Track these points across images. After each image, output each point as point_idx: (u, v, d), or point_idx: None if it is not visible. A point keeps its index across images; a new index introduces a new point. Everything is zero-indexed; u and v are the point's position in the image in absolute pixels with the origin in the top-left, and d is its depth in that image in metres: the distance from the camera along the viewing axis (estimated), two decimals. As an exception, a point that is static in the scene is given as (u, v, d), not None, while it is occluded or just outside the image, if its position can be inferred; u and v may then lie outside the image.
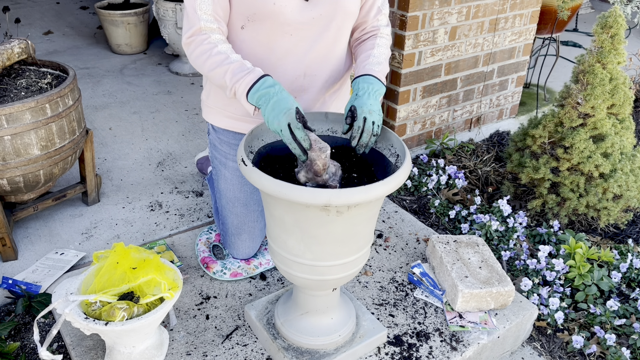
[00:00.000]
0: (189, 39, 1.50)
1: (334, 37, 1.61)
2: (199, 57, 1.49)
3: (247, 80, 1.41)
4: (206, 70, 1.48)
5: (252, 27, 1.54)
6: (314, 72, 1.65)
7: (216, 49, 1.47)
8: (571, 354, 1.84)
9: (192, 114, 3.31)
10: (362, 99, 1.46)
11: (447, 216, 2.47)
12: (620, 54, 2.21)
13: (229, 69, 1.43)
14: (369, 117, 1.43)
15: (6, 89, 2.04)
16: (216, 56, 1.46)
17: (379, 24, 1.69)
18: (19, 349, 1.72)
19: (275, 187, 1.22)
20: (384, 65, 1.60)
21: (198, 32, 1.49)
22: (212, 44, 1.47)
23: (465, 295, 1.76)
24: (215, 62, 1.46)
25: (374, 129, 1.43)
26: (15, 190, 2.05)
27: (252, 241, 1.95)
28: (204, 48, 1.48)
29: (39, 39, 4.55)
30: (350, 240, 1.37)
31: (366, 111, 1.44)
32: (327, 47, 1.62)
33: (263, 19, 1.51)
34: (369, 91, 1.48)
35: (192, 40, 1.50)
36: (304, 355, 1.56)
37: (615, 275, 2.06)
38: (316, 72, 1.65)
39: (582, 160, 2.24)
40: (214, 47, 1.47)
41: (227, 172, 1.86)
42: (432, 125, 3.01)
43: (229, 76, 1.43)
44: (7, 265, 2.04)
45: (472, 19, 2.79)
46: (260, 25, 1.53)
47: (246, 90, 1.41)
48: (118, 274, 1.50)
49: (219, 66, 1.45)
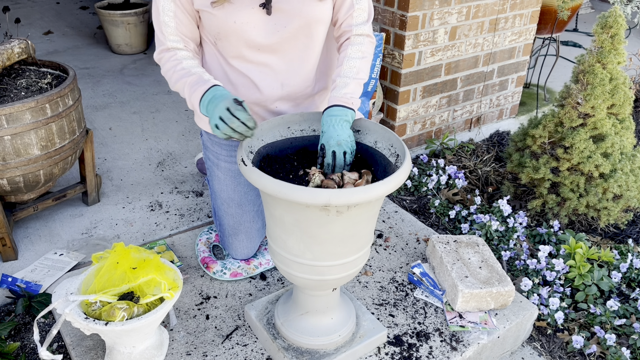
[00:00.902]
0: (158, 55, 1.57)
1: (304, 46, 1.59)
2: (166, 73, 1.56)
3: (200, 91, 1.45)
4: (172, 85, 1.55)
5: (222, 44, 1.57)
6: (291, 82, 1.64)
7: (180, 65, 1.53)
8: (571, 354, 1.84)
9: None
10: (327, 133, 1.46)
11: (447, 216, 2.47)
12: (620, 54, 2.21)
13: (187, 82, 1.49)
14: (339, 150, 1.44)
15: (6, 89, 2.04)
16: (180, 71, 1.52)
17: (353, 22, 1.59)
18: (19, 349, 1.72)
19: (275, 187, 1.22)
20: (352, 84, 1.54)
21: (166, 50, 1.55)
22: (177, 60, 1.54)
23: (465, 295, 1.76)
24: (178, 76, 1.52)
25: (346, 159, 1.45)
26: (15, 190, 2.05)
27: (250, 241, 1.94)
28: (170, 65, 1.54)
29: (39, 39, 4.55)
30: (350, 240, 1.37)
31: (333, 144, 1.44)
32: (300, 57, 1.60)
33: (228, 37, 1.53)
34: (332, 124, 1.46)
35: (161, 57, 1.57)
36: (304, 355, 1.56)
37: (615, 275, 2.06)
38: (293, 81, 1.64)
39: (582, 160, 2.24)
40: (178, 63, 1.53)
41: (220, 173, 1.86)
42: (432, 125, 3.01)
43: (187, 89, 1.49)
44: (7, 265, 2.04)
45: (472, 19, 2.79)
46: (227, 42, 1.55)
47: (198, 100, 1.45)
48: (118, 274, 1.50)
49: (179, 80, 1.51)
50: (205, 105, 1.42)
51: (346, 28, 1.60)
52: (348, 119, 1.48)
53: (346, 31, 1.61)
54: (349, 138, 1.46)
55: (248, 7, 1.47)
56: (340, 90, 1.53)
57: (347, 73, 1.56)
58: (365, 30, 1.60)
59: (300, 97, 1.70)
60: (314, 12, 1.53)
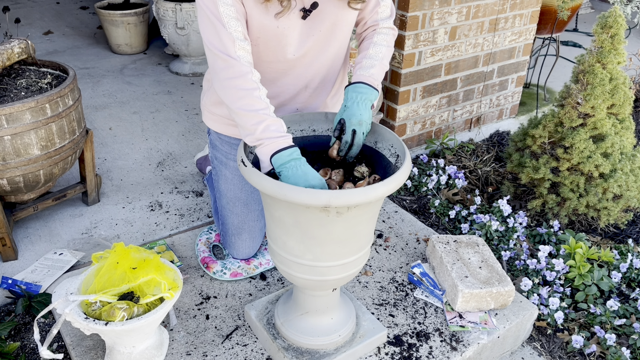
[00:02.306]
0: (229, 58, 1.42)
1: (334, 48, 1.61)
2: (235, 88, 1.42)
3: (280, 143, 1.37)
4: (237, 106, 1.42)
5: (256, 49, 1.55)
6: (316, 84, 1.67)
7: (258, 92, 1.42)
8: (571, 354, 1.84)
9: (192, 114, 3.31)
10: (350, 109, 1.45)
11: (447, 216, 2.47)
12: (620, 54, 2.21)
13: (265, 121, 1.39)
14: (359, 129, 1.44)
15: (6, 89, 2.04)
16: (256, 100, 1.41)
17: (379, 18, 1.63)
18: (19, 349, 1.72)
19: (275, 188, 1.22)
20: (378, 66, 1.57)
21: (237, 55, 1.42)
22: (254, 82, 1.42)
23: (465, 295, 1.76)
24: (253, 107, 1.41)
25: (362, 139, 1.45)
26: (15, 190, 2.05)
27: (253, 241, 1.95)
28: (245, 84, 1.42)
29: (39, 39, 4.55)
30: (350, 241, 1.37)
31: (355, 123, 1.44)
32: (329, 60, 1.63)
33: (268, 41, 1.52)
34: (357, 100, 1.46)
35: (233, 65, 1.42)
36: (304, 355, 1.56)
37: (615, 275, 2.06)
38: (318, 83, 1.67)
39: (582, 160, 2.24)
40: (256, 88, 1.42)
41: (228, 172, 1.86)
42: (432, 125, 3.01)
43: (262, 128, 1.38)
44: (7, 265, 2.04)
45: (472, 19, 2.79)
46: (264, 46, 1.54)
47: (274, 151, 1.37)
48: (118, 274, 1.50)
49: (255, 111, 1.40)
50: (280, 162, 1.36)
51: (372, 23, 1.64)
52: (371, 98, 1.48)
53: (372, 26, 1.64)
54: (369, 120, 1.45)
55: (290, 12, 1.48)
56: (367, 70, 1.53)
57: (374, 56, 1.58)
58: (389, 24, 1.64)
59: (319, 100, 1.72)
60: (345, 16, 1.55)
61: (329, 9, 1.52)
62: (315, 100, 1.71)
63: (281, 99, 1.67)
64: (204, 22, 1.45)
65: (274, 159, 1.36)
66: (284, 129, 1.40)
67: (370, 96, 1.49)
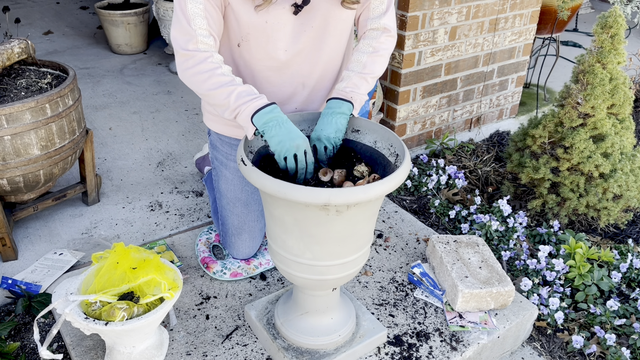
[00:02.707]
0: (187, 52, 1.45)
1: (328, 46, 1.60)
2: (198, 74, 1.45)
3: (256, 104, 1.40)
4: (205, 88, 1.45)
5: (247, 45, 1.55)
6: (314, 82, 1.66)
7: (220, 70, 1.45)
8: (571, 354, 1.84)
9: (192, 114, 3.31)
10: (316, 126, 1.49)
11: (447, 216, 2.46)
12: (620, 54, 2.21)
13: (235, 91, 1.42)
14: (319, 144, 1.47)
15: (6, 89, 2.04)
16: (220, 77, 1.44)
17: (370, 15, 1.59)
18: (19, 349, 1.72)
19: (275, 187, 1.22)
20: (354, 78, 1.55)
21: (196, 47, 1.46)
22: (215, 63, 1.45)
23: (465, 295, 1.76)
24: (219, 82, 1.44)
25: (327, 153, 1.47)
26: (15, 190, 2.05)
27: (253, 241, 1.95)
28: (206, 66, 1.44)
29: (39, 39, 4.55)
30: (349, 240, 1.37)
31: (314, 138, 1.48)
32: (324, 58, 1.62)
33: (257, 38, 1.52)
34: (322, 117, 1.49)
35: (192, 55, 1.45)
36: (304, 355, 1.56)
37: (615, 275, 2.06)
38: (315, 82, 1.66)
39: (582, 160, 2.24)
40: (218, 67, 1.45)
41: (228, 173, 1.86)
42: (432, 125, 3.01)
43: (234, 97, 1.42)
44: (7, 265, 2.04)
45: (472, 19, 2.79)
46: (255, 43, 1.53)
47: (252, 113, 1.40)
48: (118, 274, 1.50)
49: (223, 86, 1.43)
50: (263, 122, 1.38)
51: (362, 23, 1.62)
52: (342, 111, 1.47)
53: (362, 26, 1.62)
54: (335, 133, 1.46)
55: (280, 8, 1.48)
56: (341, 84, 1.55)
57: (352, 67, 1.58)
58: (381, 23, 1.59)
59: (318, 99, 1.72)
60: (340, 15, 1.55)
61: (321, 4, 1.51)
62: (314, 99, 1.71)
63: (278, 98, 1.66)
64: (174, 18, 1.48)
65: (254, 119, 1.39)
66: (255, 91, 1.44)
67: (338, 109, 1.48)
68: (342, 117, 1.47)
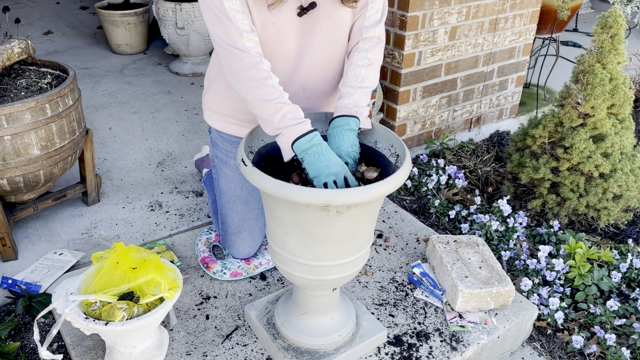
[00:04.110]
0: (237, 50, 1.43)
1: (329, 49, 1.60)
2: (249, 80, 1.44)
3: (299, 130, 1.40)
4: (252, 97, 1.44)
5: None
6: (313, 84, 1.66)
7: (270, 81, 1.44)
8: (571, 354, 1.84)
9: (192, 114, 3.31)
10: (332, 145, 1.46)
11: (447, 216, 2.47)
12: (620, 54, 2.21)
13: (282, 110, 1.41)
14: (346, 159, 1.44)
15: (6, 89, 2.04)
16: (270, 88, 1.43)
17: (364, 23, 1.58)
18: (19, 349, 1.72)
19: (275, 187, 1.22)
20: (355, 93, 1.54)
21: (244, 46, 1.43)
22: (266, 72, 1.44)
23: (465, 295, 1.76)
24: (268, 95, 1.43)
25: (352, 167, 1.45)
26: (15, 190, 2.05)
27: (253, 240, 1.95)
28: (257, 74, 1.43)
29: (39, 39, 4.55)
30: (350, 240, 1.37)
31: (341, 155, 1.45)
32: (323, 60, 1.62)
33: (265, 39, 1.52)
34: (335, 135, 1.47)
35: (242, 57, 1.43)
36: (304, 355, 1.56)
37: (615, 275, 2.06)
38: (315, 84, 1.66)
39: (582, 160, 2.24)
40: (268, 77, 1.44)
41: (229, 170, 1.86)
42: (432, 125, 3.01)
43: (279, 117, 1.40)
44: (7, 265, 2.04)
45: (472, 19, 2.79)
46: (264, 43, 1.53)
47: (294, 139, 1.39)
48: (118, 274, 1.50)
49: (271, 101, 1.42)
50: (303, 149, 1.38)
51: (356, 31, 1.60)
52: (351, 127, 1.47)
53: (356, 34, 1.60)
54: (351, 148, 1.46)
55: (287, 9, 1.48)
56: (344, 101, 1.53)
57: (352, 82, 1.56)
58: (375, 32, 1.59)
59: (318, 104, 1.72)
60: (340, 15, 1.55)
61: (324, 8, 1.52)
62: (311, 104, 1.70)
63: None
64: (211, 18, 1.46)
65: (295, 146, 1.39)
66: (301, 115, 1.43)
67: (347, 126, 1.47)
68: (353, 133, 1.47)
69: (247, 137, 1.43)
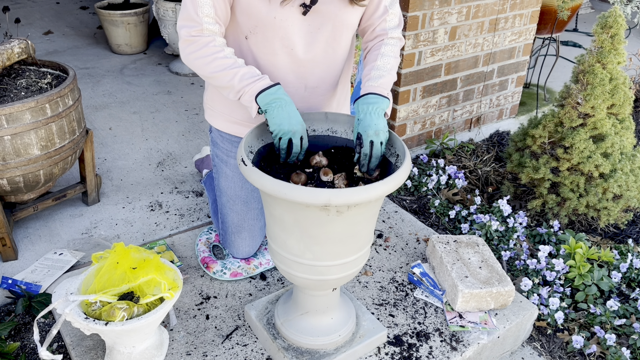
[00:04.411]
0: (190, 37, 1.49)
1: (333, 49, 1.61)
2: (201, 58, 1.50)
3: (260, 85, 1.45)
4: (209, 71, 1.50)
5: (254, 39, 1.56)
6: (315, 83, 1.66)
7: (223, 53, 1.49)
8: (571, 354, 1.84)
9: (192, 114, 3.31)
10: (364, 121, 1.45)
11: (447, 216, 2.46)
12: (620, 54, 2.21)
13: (239, 72, 1.47)
14: (376, 139, 1.42)
15: (6, 89, 2.04)
16: (223, 59, 1.48)
17: (387, 26, 1.64)
18: (19, 349, 1.72)
19: (275, 187, 1.22)
20: (387, 77, 1.57)
21: (200, 33, 1.49)
22: (218, 47, 1.49)
23: (465, 295, 1.76)
24: (223, 65, 1.48)
25: (381, 150, 1.43)
26: (15, 190, 2.05)
27: (252, 239, 1.95)
28: (209, 50, 1.48)
29: (39, 39, 4.55)
30: (350, 240, 1.37)
31: (372, 134, 1.42)
32: (326, 59, 1.63)
33: (264, 32, 1.53)
34: (369, 111, 1.46)
35: (195, 40, 1.49)
36: (304, 355, 1.56)
37: (615, 275, 2.06)
38: (317, 83, 1.67)
39: (582, 160, 2.24)
40: (220, 50, 1.49)
41: (229, 170, 1.86)
42: (432, 125, 3.01)
43: (238, 79, 1.46)
44: (7, 265, 2.04)
45: (472, 19, 2.79)
46: (262, 37, 1.54)
47: (256, 93, 1.44)
48: (118, 274, 1.50)
49: (226, 69, 1.47)
50: (266, 102, 1.43)
51: (380, 32, 1.64)
52: (384, 107, 1.49)
53: (381, 34, 1.64)
54: (385, 128, 1.45)
55: (289, 5, 1.49)
56: (376, 80, 1.54)
57: (382, 67, 1.58)
58: (397, 33, 1.65)
59: (320, 102, 1.72)
60: (347, 16, 1.56)
61: (330, 8, 1.52)
62: (311, 102, 1.70)
63: None
64: (182, 7, 1.52)
65: (259, 98, 1.44)
66: (257, 72, 1.48)
67: (381, 105, 1.48)
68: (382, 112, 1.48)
69: (247, 136, 1.43)
